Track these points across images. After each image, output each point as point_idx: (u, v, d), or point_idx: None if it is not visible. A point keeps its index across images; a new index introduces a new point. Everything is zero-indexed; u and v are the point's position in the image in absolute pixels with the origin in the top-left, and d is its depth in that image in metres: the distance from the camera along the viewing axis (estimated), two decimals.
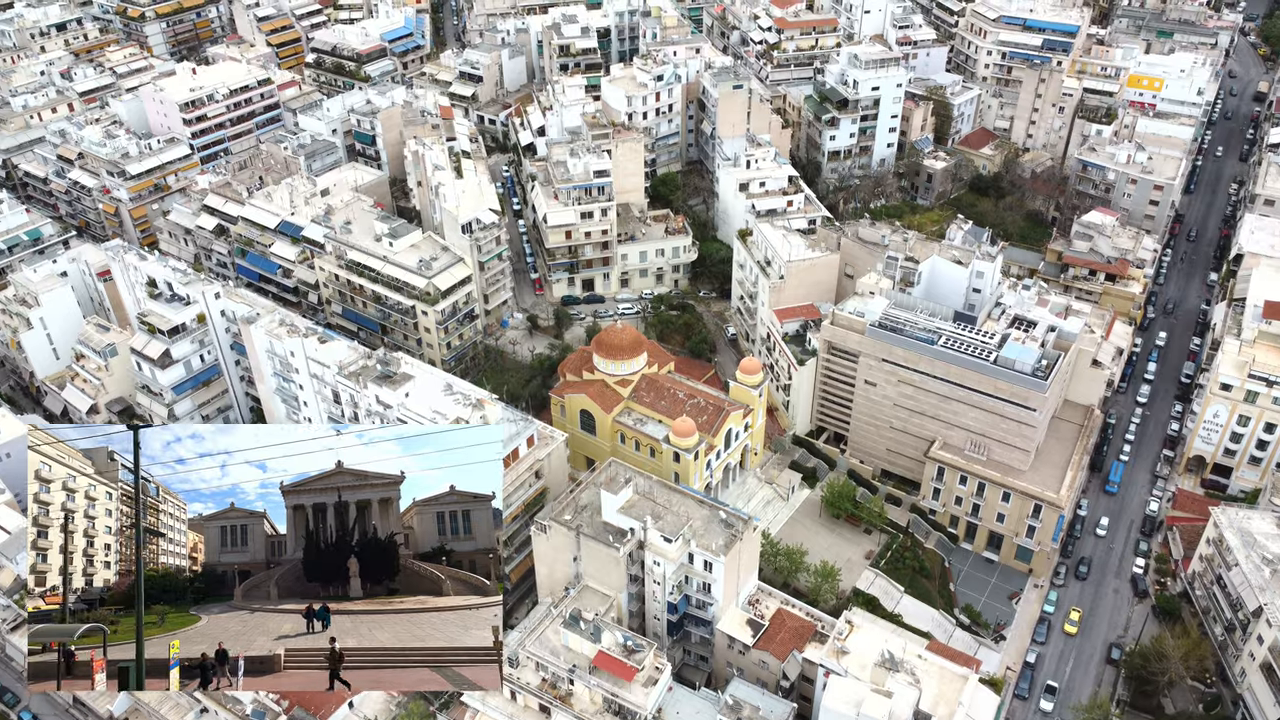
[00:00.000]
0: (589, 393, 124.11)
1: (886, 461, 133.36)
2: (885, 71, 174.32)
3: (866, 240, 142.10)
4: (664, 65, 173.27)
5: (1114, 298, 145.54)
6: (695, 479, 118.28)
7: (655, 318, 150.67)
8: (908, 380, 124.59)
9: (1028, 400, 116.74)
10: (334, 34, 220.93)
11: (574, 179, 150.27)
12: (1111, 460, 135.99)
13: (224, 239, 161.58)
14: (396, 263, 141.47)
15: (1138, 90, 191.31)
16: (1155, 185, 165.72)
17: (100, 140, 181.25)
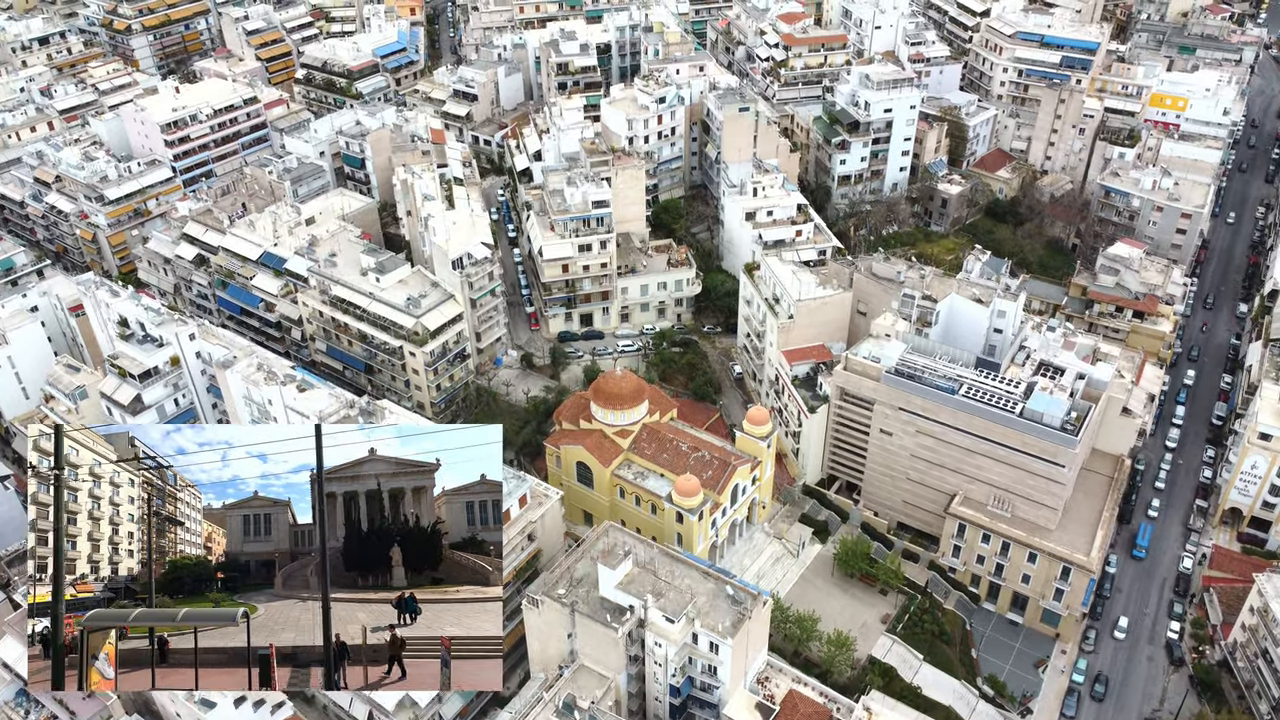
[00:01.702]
0: (586, 444, 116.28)
1: (903, 514, 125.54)
2: (898, 92, 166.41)
3: (881, 276, 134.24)
4: (666, 87, 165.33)
5: (1142, 336, 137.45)
6: (699, 540, 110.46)
7: (657, 356, 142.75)
8: (926, 431, 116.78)
9: (1056, 456, 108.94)
10: (324, 49, 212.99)
11: (571, 209, 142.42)
12: (1140, 517, 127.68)
13: (204, 269, 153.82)
14: (383, 300, 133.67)
15: (1160, 110, 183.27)
16: (1183, 213, 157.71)
17: (78, 162, 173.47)
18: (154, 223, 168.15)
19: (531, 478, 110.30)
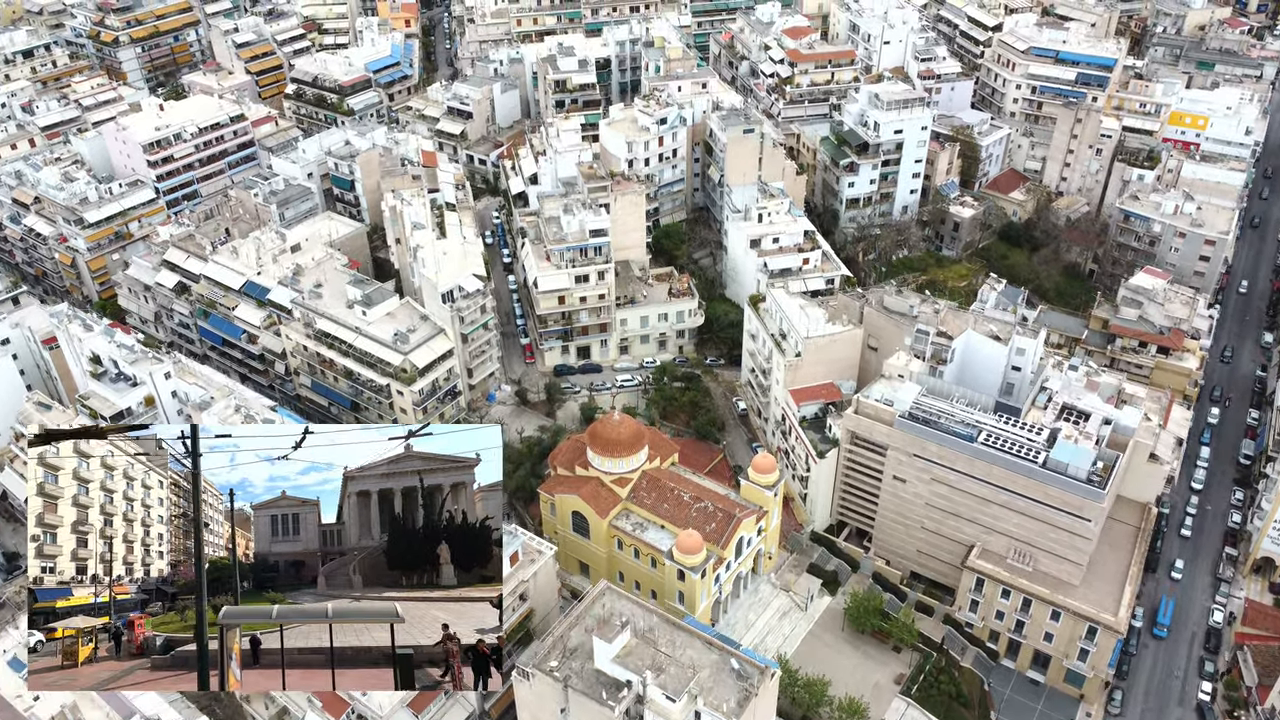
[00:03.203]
0: (582, 493, 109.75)
1: (916, 563, 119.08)
2: (909, 113, 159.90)
3: (893, 310, 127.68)
4: (668, 108, 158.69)
5: (1167, 373, 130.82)
6: (702, 598, 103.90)
7: (657, 393, 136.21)
8: (942, 479, 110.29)
9: (1082, 510, 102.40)
10: (315, 63, 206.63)
11: (568, 239, 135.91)
12: (1162, 580, 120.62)
13: (185, 298, 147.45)
14: (370, 335, 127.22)
15: (1179, 129, 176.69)
16: (1206, 240, 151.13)
17: (58, 183, 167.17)
18: (135, 246, 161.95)
19: (524, 532, 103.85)
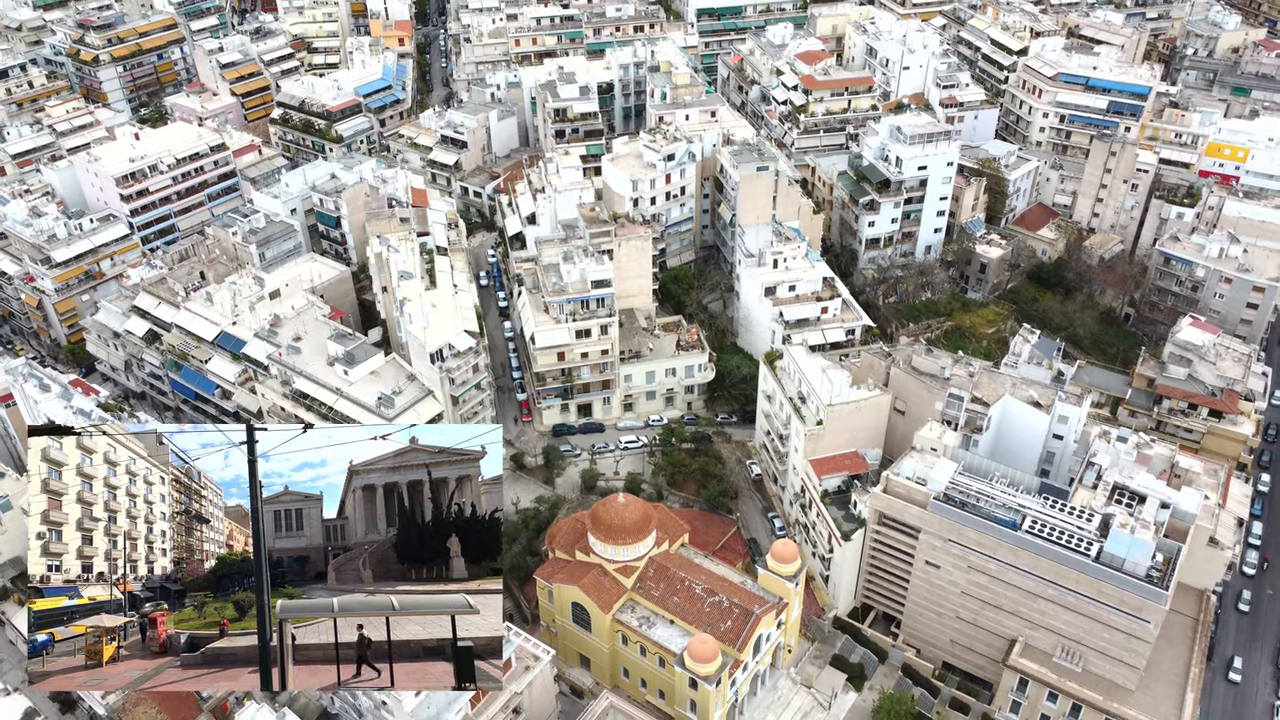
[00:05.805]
0: (583, 584, 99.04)
1: (950, 654, 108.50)
2: (933, 147, 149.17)
3: (923, 372, 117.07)
4: (675, 142, 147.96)
5: (1219, 438, 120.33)
6: (717, 707, 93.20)
7: (665, 459, 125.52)
8: (981, 567, 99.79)
9: (1140, 611, 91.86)
10: (302, 87, 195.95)
11: (568, 289, 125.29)
12: (1218, 684, 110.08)
13: (155, 347, 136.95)
14: (351, 398, 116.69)
15: (1217, 160, 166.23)
16: (1254, 286, 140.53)
17: (25, 218, 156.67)
18: (107, 287, 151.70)
19: (518, 631, 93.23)
